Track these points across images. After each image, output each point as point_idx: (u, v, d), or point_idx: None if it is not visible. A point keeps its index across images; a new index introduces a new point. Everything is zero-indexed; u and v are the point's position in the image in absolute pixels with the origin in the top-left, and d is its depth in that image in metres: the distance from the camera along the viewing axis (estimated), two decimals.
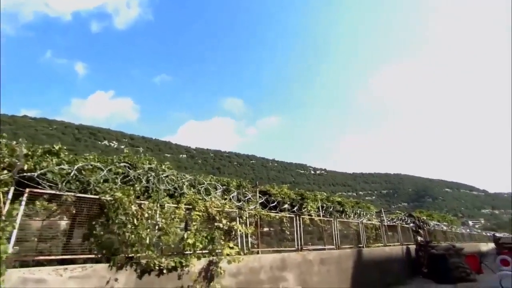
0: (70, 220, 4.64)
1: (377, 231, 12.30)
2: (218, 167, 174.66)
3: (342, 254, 8.99)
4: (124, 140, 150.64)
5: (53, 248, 4.51)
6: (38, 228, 4.52)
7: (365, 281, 9.48)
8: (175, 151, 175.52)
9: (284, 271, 6.82)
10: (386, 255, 11.36)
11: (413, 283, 11.30)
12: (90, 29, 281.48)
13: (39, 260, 3.98)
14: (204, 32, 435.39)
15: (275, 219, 7.62)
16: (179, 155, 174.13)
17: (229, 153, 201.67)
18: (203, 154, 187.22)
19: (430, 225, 16.86)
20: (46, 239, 4.64)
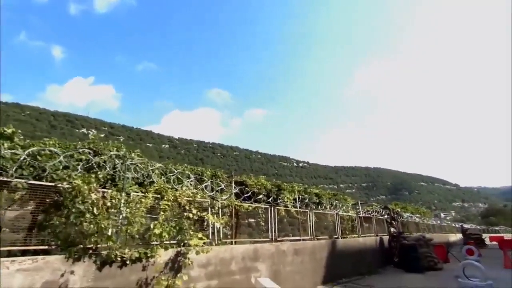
0: (22, 209, 4.31)
1: (353, 223, 12.56)
2: (202, 158, 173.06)
3: (317, 245, 9.08)
4: (103, 129, 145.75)
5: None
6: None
7: (338, 270, 9.66)
8: (158, 141, 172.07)
9: (257, 262, 6.78)
10: (360, 245, 11.61)
11: (384, 272, 11.64)
12: (68, 12, 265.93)
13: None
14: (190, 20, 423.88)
15: (249, 210, 7.51)
16: (161, 145, 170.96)
17: (212, 144, 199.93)
18: (186, 145, 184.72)
19: (403, 217, 17.46)
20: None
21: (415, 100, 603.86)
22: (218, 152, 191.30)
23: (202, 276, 5.55)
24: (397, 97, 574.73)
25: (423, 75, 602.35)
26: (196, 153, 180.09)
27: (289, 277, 7.58)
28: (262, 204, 8.19)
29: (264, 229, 8.06)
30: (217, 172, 8.14)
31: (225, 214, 7.36)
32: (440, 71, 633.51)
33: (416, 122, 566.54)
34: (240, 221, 8.42)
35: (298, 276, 7.91)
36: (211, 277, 5.69)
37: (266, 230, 7.93)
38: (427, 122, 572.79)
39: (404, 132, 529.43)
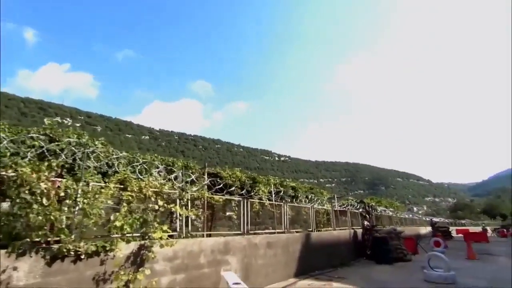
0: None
1: (328, 216, 12.71)
2: (183, 150, 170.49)
3: (291, 238, 9.07)
4: (79, 118, 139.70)
5: None
6: None
7: (312, 263, 9.74)
8: (137, 132, 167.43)
9: (227, 255, 6.63)
10: (334, 238, 11.78)
11: (356, 264, 11.90)
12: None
13: None
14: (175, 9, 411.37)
15: (219, 202, 7.32)
16: (141, 136, 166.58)
17: (194, 136, 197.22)
18: (167, 136, 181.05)
19: (377, 211, 17.96)
20: None
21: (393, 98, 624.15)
22: (200, 144, 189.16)
23: (168, 270, 5.34)
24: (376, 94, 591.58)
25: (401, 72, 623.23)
26: (177, 145, 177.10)
27: (261, 270, 7.52)
28: (235, 197, 8.03)
29: (237, 222, 7.93)
30: (189, 163, 7.86)
31: (196, 207, 7.17)
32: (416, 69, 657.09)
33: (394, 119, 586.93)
34: (216, 213, 8.26)
35: (271, 269, 7.87)
36: (177, 271, 5.49)
37: (238, 223, 7.79)
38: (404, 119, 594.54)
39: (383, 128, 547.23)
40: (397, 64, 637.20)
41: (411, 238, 14.85)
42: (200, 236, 6.77)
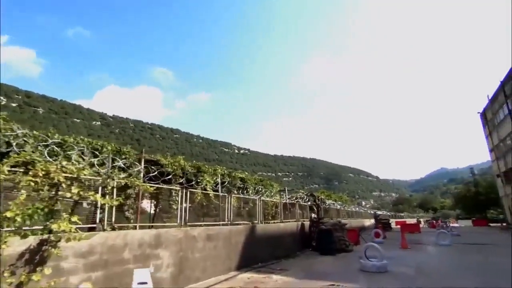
0: None
1: (277, 209, 12.69)
2: (138, 138, 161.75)
3: (234, 230, 8.76)
4: (16, 97, 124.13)
5: None
6: None
7: (256, 255, 9.58)
8: (87, 116, 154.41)
9: (158, 248, 6.07)
10: (280, 230, 11.79)
11: (301, 255, 12.10)
12: None
13: None
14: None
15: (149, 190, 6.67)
16: (91, 122, 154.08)
17: (151, 124, 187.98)
18: (122, 124, 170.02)
19: (326, 204, 18.60)
20: None
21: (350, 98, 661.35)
22: (157, 134, 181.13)
23: (80, 267, 4.63)
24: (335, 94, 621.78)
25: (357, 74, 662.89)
26: (132, 133, 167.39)
27: (198, 263, 7.08)
28: (174, 186, 7.45)
29: (176, 213, 7.37)
30: (123, 148, 7.04)
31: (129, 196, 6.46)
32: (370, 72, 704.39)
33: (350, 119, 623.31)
34: (162, 204, 7.60)
35: (209, 262, 7.48)
36: (93, 268, 4.80)
37: (176, 214, 7.24)
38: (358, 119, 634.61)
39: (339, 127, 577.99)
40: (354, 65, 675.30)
41: (354, 230, 15.59)
42: (132, 228, 6.11)
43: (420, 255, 11.70)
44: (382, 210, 75.25)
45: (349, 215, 27.71)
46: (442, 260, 10.48)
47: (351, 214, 28.17)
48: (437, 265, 9.44)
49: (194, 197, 8.13)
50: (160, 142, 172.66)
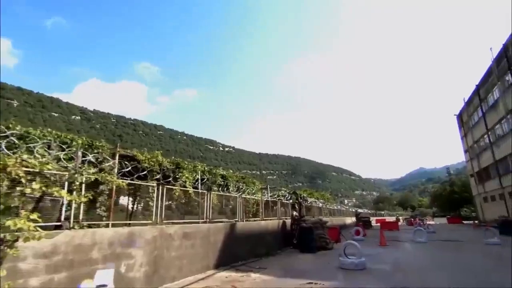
0: None
1: (258, 206, 12.59)
2: (120, 134, 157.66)
3: (213, 228, 8.57)
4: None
5: None
6: None
7: (235, 253, 9.44)
8: (66, 111, 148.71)
9: (131, 247, 5.80)
10: (261, 228, 11.70)
11: (282, 253, 12.07)
12: None
13: None
14: None
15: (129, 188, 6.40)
16: (71, 116, 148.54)
17: (134, 120, 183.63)
18: (103, 119, 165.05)
19: (308, 202, 18.71)
20: None
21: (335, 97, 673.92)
22: (140, 130, 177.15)
23: (41, 268, 4.31)
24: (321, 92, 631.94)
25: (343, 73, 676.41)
26: (114, 128, 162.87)
27: (174, 262, 6.85)
28: (151, 182, 7.16)
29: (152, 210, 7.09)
30: (96, 142, 6.68)
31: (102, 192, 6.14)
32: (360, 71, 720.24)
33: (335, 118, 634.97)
34: (142, 201, 7.29)
35: (186, 260, 7.26)
36: (56, 269, 4.49)
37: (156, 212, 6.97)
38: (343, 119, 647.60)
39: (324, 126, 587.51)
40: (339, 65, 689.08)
41: (335, 227, 15.75)
42: (104, 226, 5.81)
43: (397, 252, 11.95)
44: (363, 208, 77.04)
45: (331, 213, 28.08)
46: (418, 257, 10.74)
47: (333, 212, 28.55)
48: (413, 261, 9.65)
49: (172, 194, 7.88)
50: (143, 138, 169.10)
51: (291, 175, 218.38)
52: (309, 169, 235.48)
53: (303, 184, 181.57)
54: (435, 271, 7.90)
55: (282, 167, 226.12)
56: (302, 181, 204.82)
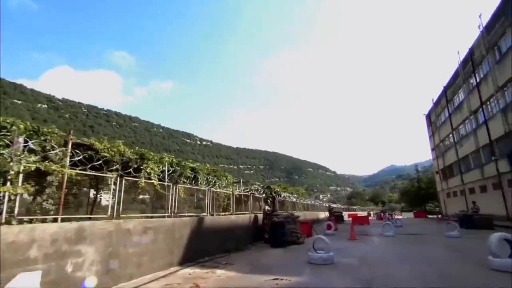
0: None
1: (229, 200, 12.28)
2: (92, 125, 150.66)
3: (178, 222, 8.14)
4: None
5: None
6: None
7: (203, 248, 9.09)
8: (31, 98, 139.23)
9: (80, 244, 5.27)
10: (232, 223, 11.41)
11: (253, 248, 11.87)
12: None
13: None
14: None
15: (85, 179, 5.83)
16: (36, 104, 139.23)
17: (107, 111, 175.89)
18: (73, 108, 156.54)
19: (281, 196, 18.68)
20: None
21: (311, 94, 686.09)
22: (114, 121, 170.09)
23: None
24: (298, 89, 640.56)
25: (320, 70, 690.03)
26: (85, 119, 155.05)
27: (132, 259, 6.38)
28: (110, 174, 6.60)
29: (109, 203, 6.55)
30: (43, 128, 5.99)
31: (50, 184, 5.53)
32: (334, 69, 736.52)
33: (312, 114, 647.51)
34: (72, 192, 6.65)
35: (147, 257, 6.81)
36: None
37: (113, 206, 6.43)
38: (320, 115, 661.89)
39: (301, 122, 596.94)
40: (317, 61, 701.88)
41: (306, 222, 15.82)
42: (51, 221, 5.22)
43: (365, 246, 12.16)
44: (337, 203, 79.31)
45: (305, 208, 28.41)
46: (385, 250, 10.96)
47: (307, 207, 28.90)
48: (380, 255, 9.80)
49: (133, 187, 7.36)
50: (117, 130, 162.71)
51: (268, 170, 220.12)
52: (286, 164, 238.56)
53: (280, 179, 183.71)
54: (399, 263, 8.03)
55: (259, 162, 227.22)
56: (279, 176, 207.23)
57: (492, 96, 25.68)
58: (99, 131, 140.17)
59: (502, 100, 24.22)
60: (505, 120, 23.79)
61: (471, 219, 19.64)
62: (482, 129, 28.19)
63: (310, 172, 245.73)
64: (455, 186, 38.14)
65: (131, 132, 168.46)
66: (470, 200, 28.59)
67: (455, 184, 37.73)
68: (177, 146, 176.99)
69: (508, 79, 22.98)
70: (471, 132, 31.03)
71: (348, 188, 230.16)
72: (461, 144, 34.60)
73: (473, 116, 30.18)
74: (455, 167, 37.48)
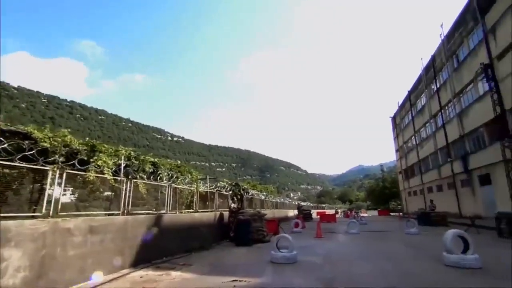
0: None
1: (193, 197, 11.72)
2: (52, 116, 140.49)
3: (132, 221, 7.48)
4: None
5: None
6: None
7: (161, 248, 8.48)
8: None
9: (2, 248, 4.50)
10: (195, 221, 10.88)
11: (217, 247, 11.43)
12: None
13: None
14: None
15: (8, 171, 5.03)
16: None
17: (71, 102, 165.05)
18: (30, 97, 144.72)
19: (249, 194, 18.38)
20: None
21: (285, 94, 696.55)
22: (78, 113, 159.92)
23: None
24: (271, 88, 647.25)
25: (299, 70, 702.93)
26: (44, 109, 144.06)
27: (72, 262, 5.66)
28: (48, 166, 5.81)
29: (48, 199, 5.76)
30: None
31: None
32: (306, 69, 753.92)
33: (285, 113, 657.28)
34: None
35: (92, 260, 6.11)
36: None
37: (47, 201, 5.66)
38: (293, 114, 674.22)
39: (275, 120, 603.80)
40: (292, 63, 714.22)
41: (273, 220, 15.65)
42: None
43: (330, 243, 12.20)
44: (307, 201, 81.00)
45: (275, 206, 28.43)
46: (348, 248, 11.04)
47: (276, 205, 28.94)
48: (343, 252, 9.82)
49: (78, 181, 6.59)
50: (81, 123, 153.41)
51: (240, 168, 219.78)
52: (259, 162, 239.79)
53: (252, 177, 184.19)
54: (361, 261, 8.03)
55: (232, 159, 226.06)
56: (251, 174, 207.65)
57: (450, 102, 27.36)
58: (61, 123, 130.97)
59: (458, 105, 25.88)
60: (461, 124, 25.46)
61: (428, 216, 20.72)
62: (440, 132, 29.99)
63: (282, 170, 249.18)
64: (415, 186, 40.40)
65: (97, 125, 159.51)
66: (428, 199, 30.35)
67: (416, 184, 39.96)
68: (147, 142, 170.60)
69: (464, 86, 24.57)
70: (431, 134, 32.93)
71: (319, 187, 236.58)
72: (421, 146, 36.65)
73: (433, 120, 32.04)
74: (416, 168, 39.69)
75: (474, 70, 21.85)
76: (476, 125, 22.89)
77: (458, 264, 6.70)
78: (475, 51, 22.28)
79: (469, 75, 23.22)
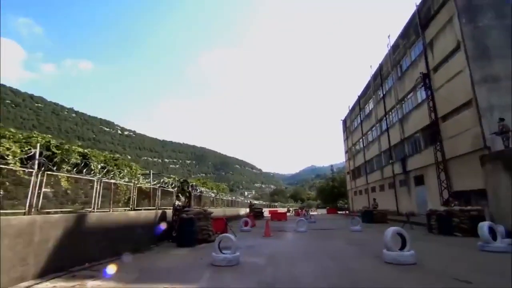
0: None
1: (131, 194, 10.51)
2: None
3: (41, 221, 6.20)
4: None
5: None
6: None
7: (82, 253, 7.27)
8: None
9: None
10: (130, 220, 9.73)
11: (156, 248, 10.41)
12: None
13: None
14: None
15: None
16: None
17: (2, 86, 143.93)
18: None
19: (197, 191, 17.47)
20: None
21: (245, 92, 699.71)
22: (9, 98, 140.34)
23: None
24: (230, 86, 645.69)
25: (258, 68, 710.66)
26: None
27: None
28: None
29: None
30: None
31: None
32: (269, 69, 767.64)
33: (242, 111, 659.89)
34: None
35: None
36: None
37: None
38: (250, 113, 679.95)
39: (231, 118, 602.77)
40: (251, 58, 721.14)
41: (221, 218, 15.00)
42: None
43: (278, 242, 11.97)
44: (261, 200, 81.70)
45: (227, 204, 27.76)
46: (294, 247, 10.89)
47: (227, 203, 28.30)
48: (289, 252, 9.57)
49: None
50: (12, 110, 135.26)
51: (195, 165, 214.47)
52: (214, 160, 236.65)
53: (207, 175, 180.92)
54: (305, 261, 7.82)
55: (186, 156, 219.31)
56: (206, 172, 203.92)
57: (393, 108, 29.52)
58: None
59: (400, 111, 28.00)
60: (401, 129, 27.57)
61: (371, 214, 21.99)
62: (384, 136, 32.24)
63: (237, 168, 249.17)
64: (361, 185, 43.10)
65: (33, 114, 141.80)
66: (372, 198, 32.46)
67: (361, 184, 42.63)
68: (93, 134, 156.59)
69: (405, 94, 26.64)
70: (376, 138, 35.31)
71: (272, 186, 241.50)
72: (368, 148, 39.15)
73: (379, 124, 34.37)
74: (362, 169, 42.33)
75: (414, 79, 23.76)
76: (414, 130, 24.95)
77: (396, 261, 6.82)
78: (416, 62, 24.25)
79: (410, 84, 25.23)
